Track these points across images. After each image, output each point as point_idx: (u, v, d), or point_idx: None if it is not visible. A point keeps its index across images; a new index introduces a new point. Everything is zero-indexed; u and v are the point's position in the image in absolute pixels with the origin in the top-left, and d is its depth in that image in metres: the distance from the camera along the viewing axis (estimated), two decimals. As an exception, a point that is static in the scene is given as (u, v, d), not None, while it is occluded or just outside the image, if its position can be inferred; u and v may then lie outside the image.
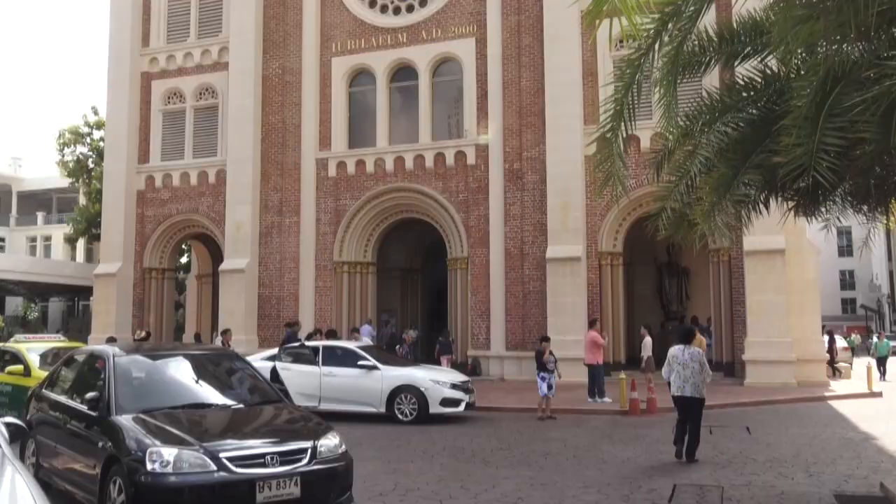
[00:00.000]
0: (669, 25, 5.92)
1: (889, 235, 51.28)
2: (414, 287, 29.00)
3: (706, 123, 8.94)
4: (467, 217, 23.00)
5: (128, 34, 27.15)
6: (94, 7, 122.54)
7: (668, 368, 10.32)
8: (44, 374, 10.24)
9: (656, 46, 6.33)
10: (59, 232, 50.93)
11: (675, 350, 10.29)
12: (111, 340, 18.11)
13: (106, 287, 26.39)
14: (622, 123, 7.18)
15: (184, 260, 36.40)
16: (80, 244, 48.90)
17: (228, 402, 7.41)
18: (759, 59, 8.90)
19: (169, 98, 26.98)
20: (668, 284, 25.03)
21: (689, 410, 10.00)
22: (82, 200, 43.11)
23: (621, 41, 18.96)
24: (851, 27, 4.96)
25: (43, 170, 54.72)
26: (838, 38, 5.51)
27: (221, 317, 24.35)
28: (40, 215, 55.53)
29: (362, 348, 15.41)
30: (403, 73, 24.59)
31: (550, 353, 14.86)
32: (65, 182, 45.95)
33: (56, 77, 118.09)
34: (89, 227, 39.50)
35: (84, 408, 6.97)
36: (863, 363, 24.58)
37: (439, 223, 23.86)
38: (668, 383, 10.51)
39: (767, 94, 8.93)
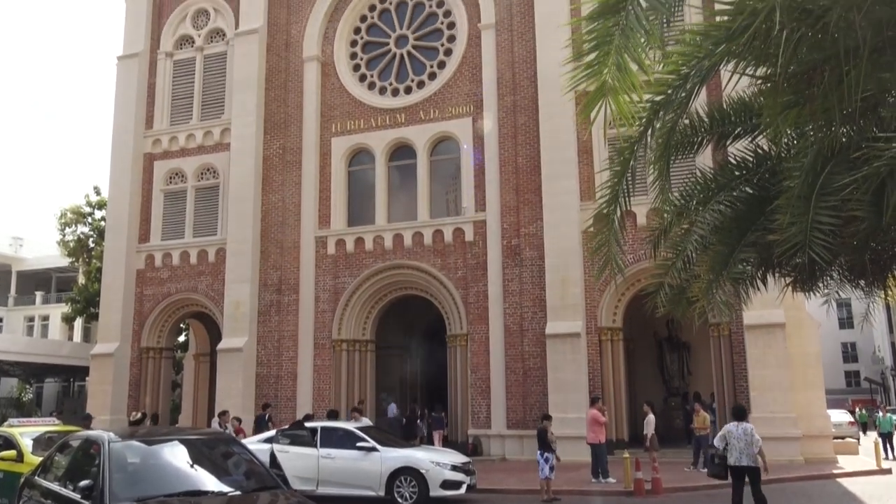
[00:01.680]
0: (661, 113, 6.09)
1: (889, 309, 51.17)
2: (413, 365, 28.75)
3: (700, 202, 9.07)
4: (466, 293, 23.02)
5: (132, 116, 27.74)
6: (98, 89, 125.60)
7: (721, 442, 11.47)
8: (37, 459, 10.04)
9: (648, 133, 6.50)
10: (56, 311, 50.79)
11: (730, 426, 11.53)
12: (138, 421, 17.95)
13: (102, 367, 26.15)
14: (618, 209, 7.31)
15: (181, 339, 36.17)
16: (78, 324, 48.68)
17: (225, 488, 7.24)
18: (749, 138, 9.11)
19: (171, 178, 27.38)
20: (669, 360, 24.85)
21: (749, 478, 11.15)
22: (81, 280, 43.16)
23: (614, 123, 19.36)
24: (837, 112, 5.11)
25: (43, 249, 54.79)
26: (826, 121, 5.66)
27: (219, 396, 24.05)
28: (39, 295, 55.48)
29: (361, 429, 15.17)
30: (402, 152, 25.05)
31: (550, 432, 14.64)
32: (65, 261, 46.11)
33: (59, 157, 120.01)
34: (87, 307, 39.43)
35: (77, 496, 6.80)
36: (870, 439, 24.16)
37: (438, 300, 23.86)
38: (718, 456, 11.52)
39: (760, 172, 9.10)
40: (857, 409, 41.59)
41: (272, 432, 15.69)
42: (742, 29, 4.64)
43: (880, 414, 28.91)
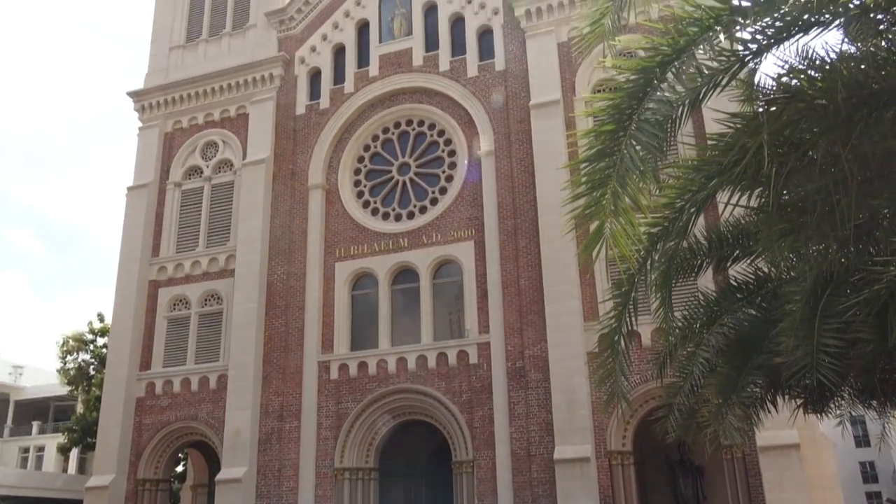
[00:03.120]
0: (659, 245, 6.23)
1: (904, 425, 49.83)
2: (418, 493, 27.78)
3: (704, 324, 9.10)
4: (471, 418, 22.58)
5: (139, 245, 28.18)
6: (103, 218, 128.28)
7: None
8: None
9: (648, 264, 6.62)
10: (52, 442, 49.68)
11: None
12: None
13: (97, 501, 25.27)
14: (622, 340, 7.34)
15: (179, 469, 35.18)
16: (74, 454, 47.50)
17: None
18: (749, 261, 9.24)
19: (174, 305, 27.49)
20: (682, 484, 24.00)
21: None
22: (80, 409, 42.47)
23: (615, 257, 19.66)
24: (832, 239, 5.21)
25: (43, 377, 54.32)
26: (822, 246, 5.77)
27: (216, 531, 23.12)
28: (35, 425, 54.43)
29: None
30: (405, 276, 25.27)
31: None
32: (64, 390, 45.53)
33: (64, 283, 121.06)
34: (84, 437, 38.60)
35: None
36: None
37: (443, 424, 23.38)
38: None
39: (761, 294, 9.17)
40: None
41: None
42: (733, 163, 4.82)
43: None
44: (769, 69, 5.90)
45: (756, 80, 5.74)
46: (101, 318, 41.20)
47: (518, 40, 25.73)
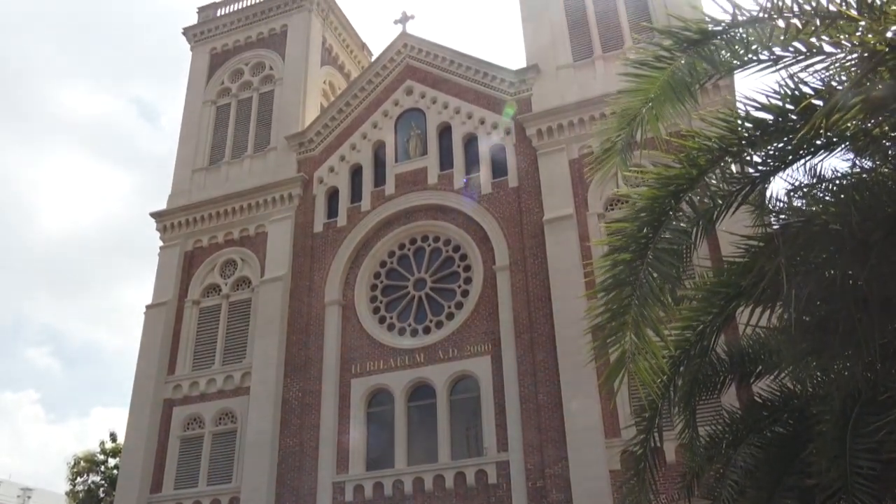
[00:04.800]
0: (681, 368, 6.17)
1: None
2: None
3: (730, 444, 8.83)
4: (491, 542, 21.64)
5: (155, 363, 28.13)
6: (120, 334, 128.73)
7: None
8: None
9: (670, 389, 6.54)
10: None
11: None
12: None
13: None
14: (646, 483, 7.15)
15: None
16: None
17: None
18: (772, 376, 9.06)
19: (188, 424, 27.12)
20: None
21: None
22: (88, 533, 41.10)
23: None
24: (855, 361, 5.14)
25: (52, 499, 52.95)
26: (846, 365, 5.68)
27: None
28: (39, 550, 52.63)
29: None
30: (421, 392, 24.92)
31: None
32: (71, 512, 44.26)
33: (76, 401, 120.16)
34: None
35: None
36: None
37: (462, 549, 22.39)
38: None
39: (787, 411, 8.93)
40: None
41: None
42: (751, 285, 4.84)
43: None
44: (783, 185, 6.03)
45: (769, 198, 5.85)
46: (113, 437, 40.57)
47: (530, 157, 26.45)
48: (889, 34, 4.19)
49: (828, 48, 4.67)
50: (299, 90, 32.22)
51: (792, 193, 5.84)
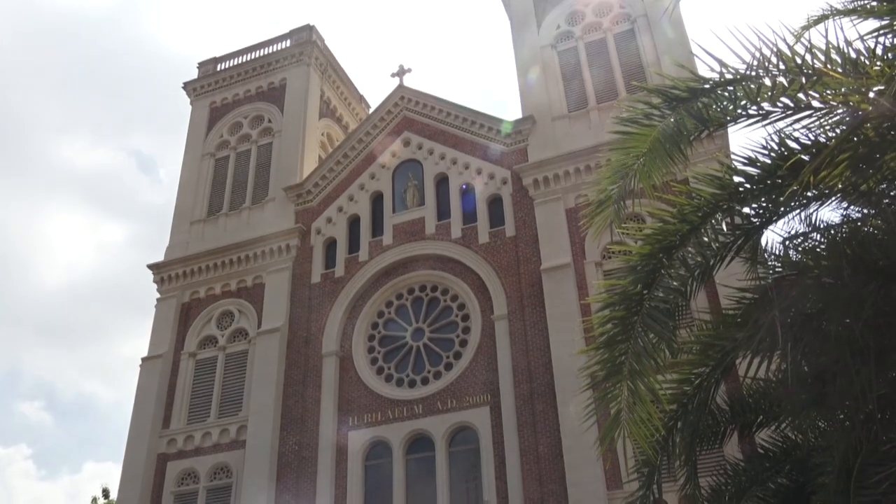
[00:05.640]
0: (679, 424, 6.13)
1: None
2: None
3: (733, 496, 8.71)
4: None
5: (150, 416, 27.77)
6: (114, 387, 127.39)
7: None
8: None
9: (669, 443, 6.48)
10: None
11: None
12: None
13: None
14: None
15: None
16: None
17: None
18: (774, 426, 8.98)
19: (183, 479, 26.65)
20: None
21: None
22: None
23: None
24: (854, 413, 5.11)
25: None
26: (846, 416, 5.64)
27: None
28: None
29: None
30: (420, 444, 24.59)
31: None
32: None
33: (67, 456, 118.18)
34: None
35: None
36: None
37: None
38: None
39: (790, 462, 8.83)
40: None
41: None
42: (748, 338, 4.84)
43: None
44: (780, 232, 6.08)
45: (765, 247, 5.87)
46: (105, 493, 39.88)
47: (527, 207, 26.62)
48: (872, 94, 4.29)
49: (815, 103, 4.78)
50: (298, 142, 32.58)
51: (787, 243, 5.88)
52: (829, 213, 5.27)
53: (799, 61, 4.67)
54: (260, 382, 26.76)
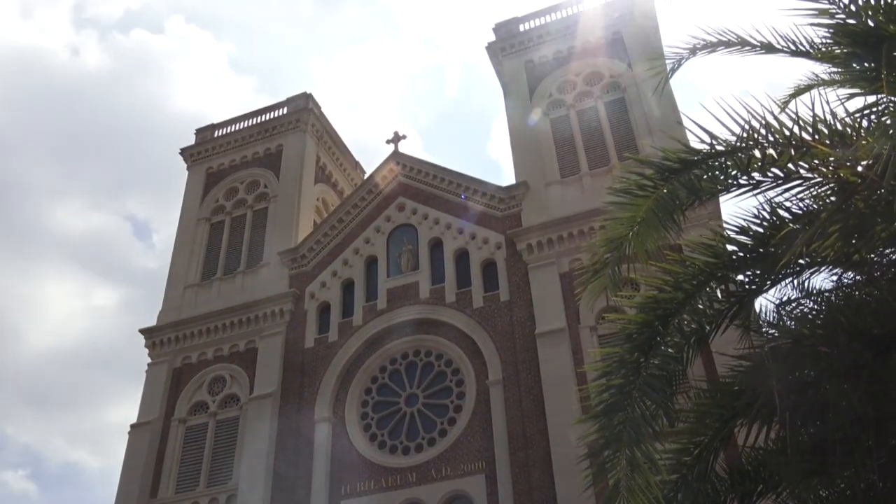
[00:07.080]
0: (679, 495, 6.04)
1: None
2: None
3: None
4: None
5: (137, 485, 27.09)
6: (100, 455, 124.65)
7: None
8: None
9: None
10: None
11: None
12: None
13: None
14: None
15: None
16: None
17: None
18: (774, 496, 8.84)
19: (170, 551, 25.88)
20: None
21: None
22: None
23: None
24: (857, 480, 5.06)
25: None
26: (848, 481, 5.57)
27: None
28: None
29: None
30: (414, 513, 24.03)
31: None
32: None
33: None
34: None
35: None
36: None
37: None
38: None
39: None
40: None
41: None
42: (745, 407, 4.82)
43: None
44: (774, 298, 6.11)
45: (759, 313, 5.89)
46: (89, 566, 38.58)
47: (521, 272, 26.69)
48: (860, 167, 4.40)
49: (805, 173, 4.88)
50: (293, 207, 32.81)
51: (781, 308, 5.90)
52: (822, 280, 5.32)
53: (787, 133, 4.78)
54: (251, 449, 26.25)
